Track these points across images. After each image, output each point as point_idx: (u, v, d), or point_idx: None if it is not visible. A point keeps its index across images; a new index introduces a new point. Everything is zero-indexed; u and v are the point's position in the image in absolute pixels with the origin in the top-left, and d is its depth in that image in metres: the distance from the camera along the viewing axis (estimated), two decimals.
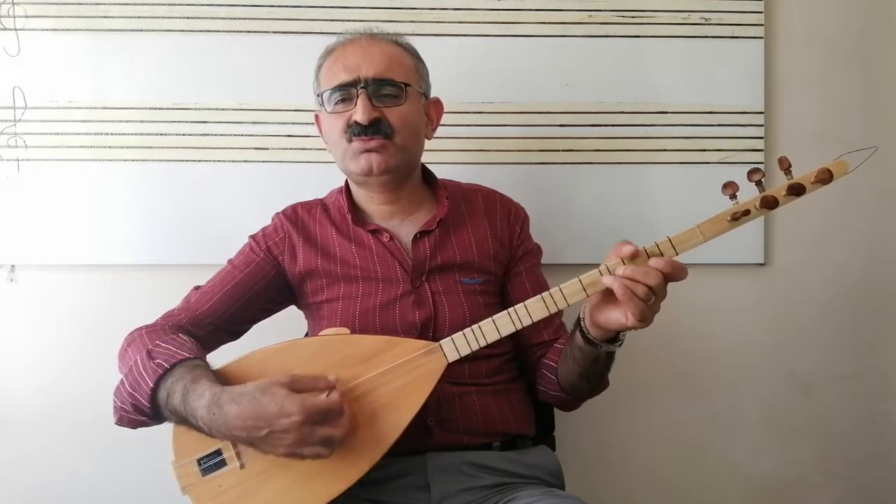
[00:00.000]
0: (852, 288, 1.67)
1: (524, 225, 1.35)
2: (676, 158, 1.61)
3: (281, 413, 0.97)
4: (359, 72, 1.20)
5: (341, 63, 1.22)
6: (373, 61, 1.21)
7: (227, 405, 1.00)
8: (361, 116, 1.18)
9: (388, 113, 1.20)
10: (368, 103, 1.19)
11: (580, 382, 1.17)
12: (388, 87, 1.21)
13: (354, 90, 1.20)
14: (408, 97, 1.22)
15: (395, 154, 1.21)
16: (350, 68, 1.21)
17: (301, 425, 0.97)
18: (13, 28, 1.55)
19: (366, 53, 1.22)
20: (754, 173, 1.00)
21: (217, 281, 1.27)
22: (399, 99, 1.22)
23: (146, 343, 1.11)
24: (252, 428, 0.98)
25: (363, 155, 1.20)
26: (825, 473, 1.67)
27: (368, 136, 1.19)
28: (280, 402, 0.98)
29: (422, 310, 1.21)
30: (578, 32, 1.60)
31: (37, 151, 1.55)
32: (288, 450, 0.99)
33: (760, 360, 1.66)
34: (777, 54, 1.63)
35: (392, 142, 1.20)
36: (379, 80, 1.20)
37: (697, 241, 1.01)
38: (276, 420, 0.97)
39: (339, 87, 1.21)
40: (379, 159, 1.20)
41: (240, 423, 0.98)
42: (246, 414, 0.98)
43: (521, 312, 1.06)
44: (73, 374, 1.56)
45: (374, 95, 1.20)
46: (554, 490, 1.16)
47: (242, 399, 0.99)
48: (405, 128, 1.22)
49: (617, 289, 0.98)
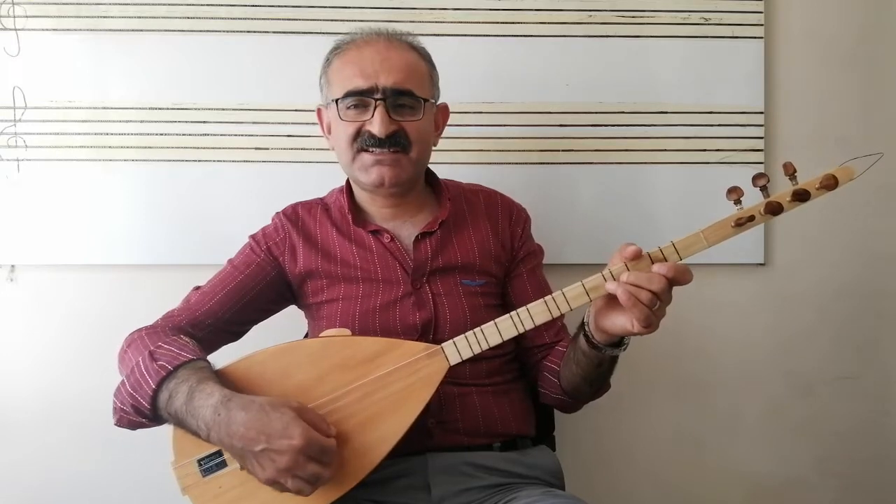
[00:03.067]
0: (852, 288, 1.67)
1: (525, 226, 1.35)
2: (676, 158, 1.61)
3: (284, 433, 0.97)
4: (376, 80, 1.16)
5: (357, 66, 1.18)
6: (391, 70, 1.17)
7: (234, 409, 0.99)
8: (379, 130, 1.16)
9: (406, 126, 1.18)
10: (387, 116, 1.16)
11: (582, 385, 1.17)
12: (407, 98, 1.18)
13: (371, 100, 1.17)
14: (426, 112, 1.20)
15: (408, 168, 1.20)
16: (366, 74, 1.17)
17: (298, 452, 0.96)
18: (13, 28, 1.55)
19: (384, 60, 1.18)
20: (759, 178, 0.98)
21: (217, 281, 1.27)
22: (417, 112, 1.19)
23: (148, 344, 1.11)
24: (252, 439, 0.97)
25: (375, 168, 1.19)
26: (825, 473, 1.68)
27: (384, 148, 1.17)
28: (287, 423, 0.97)
29: (422, 311, 1.21)
30: (578, 32, 1.60)
31: (37, 151, 1.55)
32: (275, 474, 0.97)
33: (760, 360, 1.66)
34: (777, 54, 1.63)
35: (407, 156, 1.19)
36: (398, 92, 1.17)
37: (701, 246, 1.01)
38: (277, 438, 0.97)
39: (355, 93, 1.18)
40: (391, 173, 1.19)
41: (242, 430, 0.98)
42: (250, 423, 0.97)
43: (524, 315, 1.06)
44: (73, 373, 1.56)
45: (391, 107, 1.17)
46: (554, 490, 1.16)
47: (251, 407, 0.99)
48: (420, 141, 1.20)
49: (621, 295, 0.97)
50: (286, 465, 0.97)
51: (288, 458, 0.96)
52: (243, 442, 0.98)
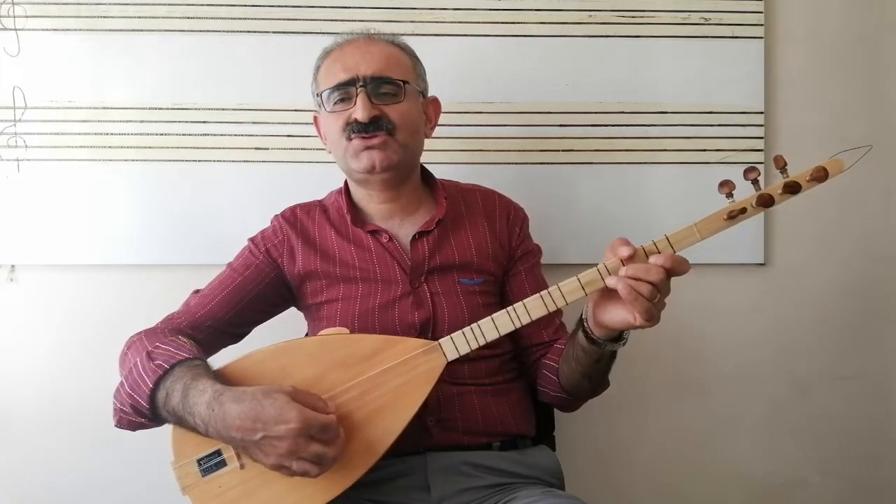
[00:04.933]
0: (852, 288, 1.67)
1: (523, 225, 1.35)
2: (676, 158, 1.61)
3: (279, 418, 0.97)
4: (357, 71, 1.20)
5: (339, 63, 1.23)
6: (370, 60, 1.21)
7: (228, 403, 0.99)
8: (361, 114, 1.18)
9: (388, 110, 1.21)
10: (368, 101, 1.19)
11: (582, 382, 1.17)
12: (387, 84, 1.22)
13: (353, 89, 1.20)
14: (406, 95, 1.23)
15: (397, 150, 1.22)
16: (348, 68, 1.21)
17: (297, 434, 0.97)
18: (13, 28, 1.55)
19: (364, 53, 1.22)
20: (750, 172, 1.00)
21: (216, 284, 1.27)
22: (398, 97, 1.22)
23: (145, 345, 1.11)
24: (249, 430, 0.98)
25: (365, 153, 1.21)
26: (825, 473, 1.67)
27: (369, 133, 1.19)
28: (280, 408, 0.97)
29: (421, 310, 1.21)
30: (578, 32, 1.60)
31: (37, 151, 1.55)
32: (278, 459, 0.98)
33: (760, 360, 1.66)
34: (777, 54, 1.63)
35: (394, 138, 1.21)
36: (377, 79, 1.21)
37: (694, 238, 1.02)
38: (273, 424, 0.97)
39: (338, 86, 1.21)
40: (381, 156, 1.20)
41: (238, 422, 0.98)
42: (245, 414, 0.98)
43: (520, 311, 1.06)
44: (73, 374, 1.56)
45: (372, 94, 1.20)
46: (554, 490, 1.16)
47: (244, 398, 0.99)
48: (405, 124, 1.22)
49: (622, 289, 0.98)
50: (288, 449, 0.97)
51: (288, 443, 0.97)
52: (241, 433, 0.98)
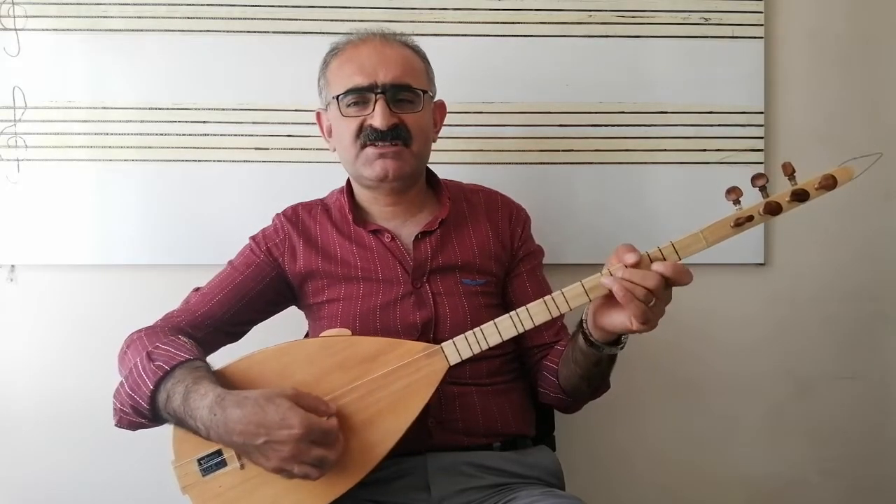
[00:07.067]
0: (852, 288, 1.67)
1: (525, 226, 1.35)
2: (676, 158, 1.61)
3: (282, 423, 0.97)
4: (375, 76, 1.18)
5: (355, 64, 1.20)
6: (389, 65, 1.19)
7: (229, 408, 0.99)
8: (381, 123, 1.17)
9: (406, 118, 1.20)
10: (388, 109, 1.18)
11: (581, 384, 1.17)
12: (406, 92, 1.20)
13: (371, 95, 1.18)
14: (424, 104, 1.22)
15: (410, 161, 1.21)
16: (366, 71, 1.19)
17: (299, 440, 0.97)
18: (13, 28, 1.55)
19: (381, 56, 1.20)
20: (758, 178, 0.98)
21: (217, 282, 1.27)
22: (416, 105, 1.21)
23: (146, 345, 1.11)
24: (251, 434, 0.98)
25: (379, 161, 1.20)
26: (825, 473, 1.67)
27: (386, 141, 1.18)
28: (283, 413, 0.97)
29: (422, 311, 1.21)
30: (578, 32, 1.60)
31: (37, 151, 1.55)
32: (280, 463, 0.98)
33: (760, 360, 1.66)
34: (777, 54, 1.63)
35: (409, 149, 1.20)
36: (397, 86, 1.19)
37: (700, 246, 1.01)
38: (276, 430, 0.97)
39: (355, 90, 1.19)
40: (395, 165, 1.20)
41: (240, 427, 0.98)
42: (247, 419, 0.98)
43: (524, 315, 1.06)
44: (73, 373, 1.56)
45: (391, 101, 1.19)
46: (554, 490, 1.16)
47: (246, 403, 0.99)
48: (420, 133, 1.22)
49: (616, 291, 0.98)
50: (290, 454, 0.97)
51: (290, 447, 0.97)
52: (243, 438, 0.98)
